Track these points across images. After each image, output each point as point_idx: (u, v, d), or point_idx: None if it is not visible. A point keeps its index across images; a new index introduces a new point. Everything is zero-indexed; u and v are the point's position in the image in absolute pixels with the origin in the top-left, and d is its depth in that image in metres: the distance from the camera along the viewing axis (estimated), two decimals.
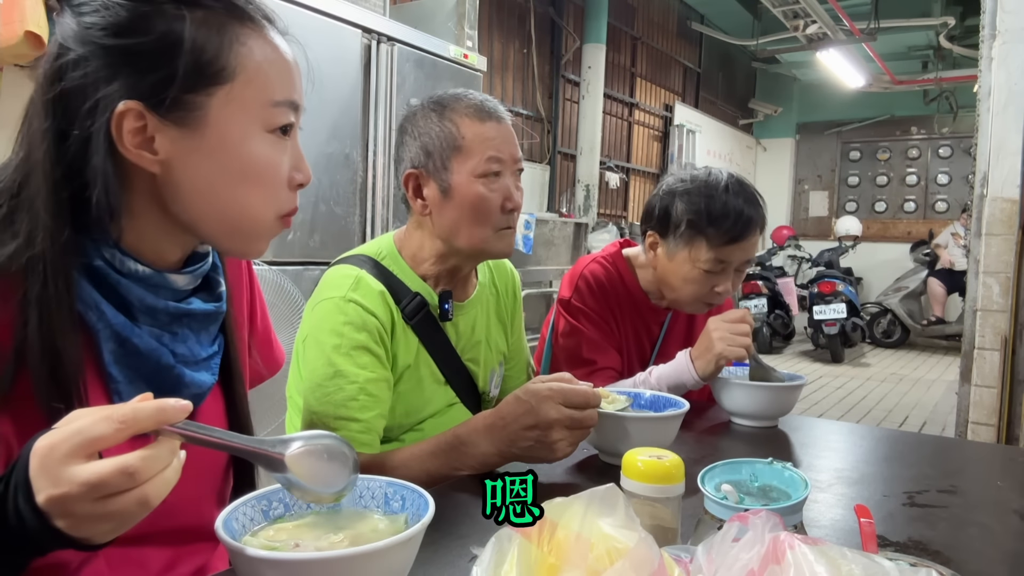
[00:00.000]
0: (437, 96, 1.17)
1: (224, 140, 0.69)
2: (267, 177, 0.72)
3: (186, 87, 0.66)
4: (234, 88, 0.68)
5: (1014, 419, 2.90)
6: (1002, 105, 2.87)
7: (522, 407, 0.93)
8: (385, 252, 1.18)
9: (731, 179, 1.46)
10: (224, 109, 0.68)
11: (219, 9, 0.69)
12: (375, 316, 1.08)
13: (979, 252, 2.92)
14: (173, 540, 0.79)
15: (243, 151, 0.70)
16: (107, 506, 0.51)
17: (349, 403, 1.03)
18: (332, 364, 1.04)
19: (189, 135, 0.68)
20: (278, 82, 0.71)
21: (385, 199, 3.04)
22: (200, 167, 0.69)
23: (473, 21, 3.74)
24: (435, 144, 1.13)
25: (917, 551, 0.79)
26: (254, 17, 0.71)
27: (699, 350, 1.35)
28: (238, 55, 0.69)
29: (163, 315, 0.73)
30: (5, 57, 2.10)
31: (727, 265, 1.45)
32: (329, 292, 1.10)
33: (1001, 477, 1.12)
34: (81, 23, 0.66)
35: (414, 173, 1.15)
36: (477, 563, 0.48)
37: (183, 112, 0.67)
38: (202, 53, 0.67)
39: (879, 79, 8.83)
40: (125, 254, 0.70)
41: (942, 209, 9.52)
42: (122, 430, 0.52)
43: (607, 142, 7.13)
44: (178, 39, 0.66)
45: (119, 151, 0.67)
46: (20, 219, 0.65)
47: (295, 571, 0.55)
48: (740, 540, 0.48)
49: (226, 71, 0.68)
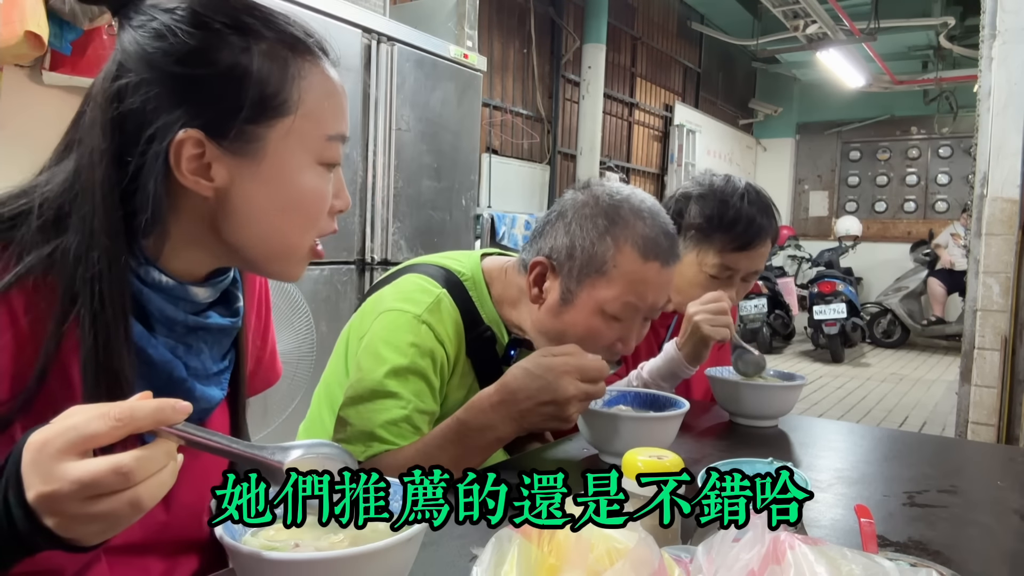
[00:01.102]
0: (617, 200, 1.03)
1: (281, 171, 0.70)
2: (316, 208, 0.74)
3: (249, 119, 0.67)
4: (295, 121, 0.70)
5: (1014, 419, 2.89)
6: (1002, 105, 2.86)
7: (537, 382, 0.91)
8: (470, 275, 1.11)
9: (749, 188, 1.46)
10: (283, 141, 0.69)
11: (283, 42, 0.69)
12: (444, 347, 1.04)
13: (979, 252, 2.92)
14: (173, 550, 0.79)
15: (297, 182, 0.71)
16: (98, 506, 0.49)
17: (390, 427, 0.99)
18: (385, 382, 0.99)
19: (247, 164, 0.69)
20: (332, 116, 0.73)
21: (385, 199, 3.04)
22: (254, 195, 0.70)
23: (473, 21, 3.74)
24: (583, 254, 1.01)
25: (917, 551, 0.79)
26: (313, 50, 0.72)
27: (683, 336, 1.35)
28: (299, 88, 0.70)
29: (180, 327, 0.73)
30: (5, 57, 2.10)
31: (733, 273, 1.45)
32: (404, 304, 1.04)
33: (1001, 477, 1.12)
34: (143, 46, 0.66)
35: (545, 264, 1.04)
36: (477, 563, 0.48)
37: (243, 143, 0.68)
38: (266, 86, 0.68)
39: (879, 79, 8.83)
40: (151, 264, 0.70)
41: (942, 209, 9.52)
42: (118, 428, 0.50)
43: (607, 142, 7.13)
44: (244, 72, 0.67)
45: (173, 175, 0.67)
46: (69, 236, 0.65)
47: (295, 571, 0.54)
48: (740, 540, 0.48)
49: (288, 104, 0.69)
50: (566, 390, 0.90)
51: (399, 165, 3.09)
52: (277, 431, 2.36)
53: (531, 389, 0.91)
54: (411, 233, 3.21)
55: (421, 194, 3.28)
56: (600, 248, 1.00)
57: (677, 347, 1.36)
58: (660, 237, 1.02)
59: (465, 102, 3.51)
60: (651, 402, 1.16)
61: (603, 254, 1.00)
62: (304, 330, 2.45)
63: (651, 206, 1.04)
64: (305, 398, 1.19)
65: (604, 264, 1.00)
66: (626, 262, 1.00)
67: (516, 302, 1.10)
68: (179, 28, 0.66)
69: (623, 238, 1.00)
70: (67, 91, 2.29)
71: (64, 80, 2.25)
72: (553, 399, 0.90)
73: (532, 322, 1.07)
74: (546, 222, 1.07)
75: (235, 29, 0.67)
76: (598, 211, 1.02)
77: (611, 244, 1.00)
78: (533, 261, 1.05)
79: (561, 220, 1.05)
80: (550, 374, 0.91)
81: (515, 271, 1.11)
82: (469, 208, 3.61)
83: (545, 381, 0.91)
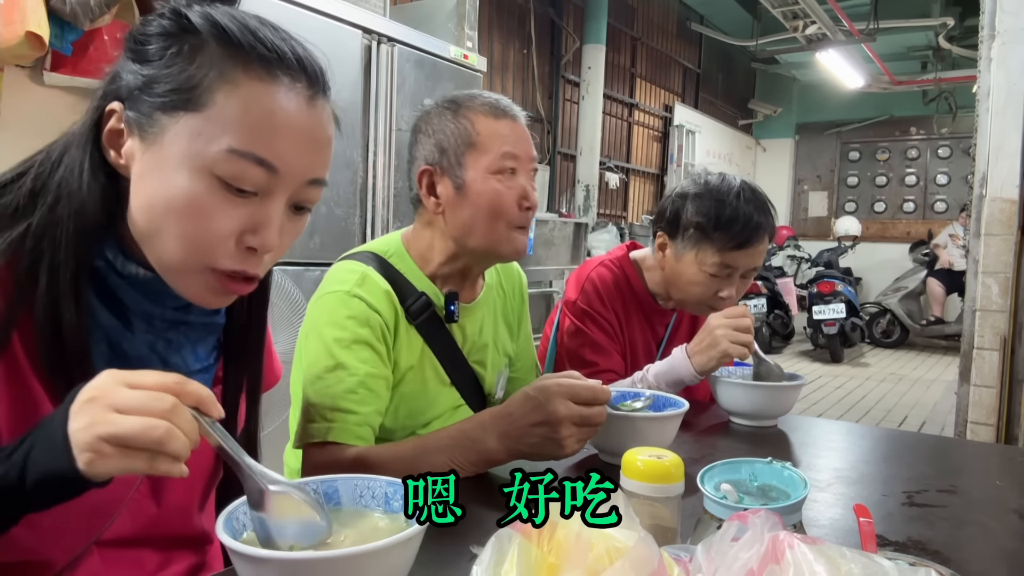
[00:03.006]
0: (451, 95, 1.17)
1: (162, 162, 0.66)
2: (190, 218, 0.66)
3: (159, 105, 0.66)
4: (198, 121, 0.65)
5: (1013, 419, 2.90)
6: (1001, 105, 2.87)
7: (530, 403, 0.92)
8: (392, 250, 1.17)
9: (744, 186, 1.47)
10: (178, 135, 0.66)
11: (233, 48, 0.67)
12: (379, 313, 1.08)
13: (978, 252, 2.92)
14: (165, 545, 0.80)
15: (169, 179, 0.66)
16: (131, 421, 0.54)
17: (348, 396, 1.02)
18: (333, 356, 1.04)
19: (144, 149, 0.67)
20: (249, 131, 0.65)
21: (385, 200, 3.04)
22: (141, 182, 0.67)
23: (473, 22, 3.74)
24: (450, 141, 1.12)
25: (916, 551, 0.79)
26: (273, 71, 0.67)
27: (699, 346, 1.35)
28: (222, 92, 0.65)
29: (159, 322, 0.73)
30: (6, 57, 2.10)
31: (733, 271, 1.46)
32: (333, 286, 1.10)
33: (1000, 477, 1.12)
34: (134, 31, 0.69)
35: (428, 170, 1.14)
36: (477, 563, 0.48)
37: (145, 124, 0.66)
38: (190, 79, 0.65)
39: (878, 79, 8.84)
40: (128, 257, 0.70)
41: (941, 209, 9.53)
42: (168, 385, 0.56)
43: (607, 142, 7.14)
44: (180, 58, 0.66)
45: None
46: (36, 215, 0.67)
47: (295, 571, 0.55)
48: (739, 539, 0.48)
49: (198, 102, 0.65)
50: (556, 410, 0.90)
51: (399, 165, 3.09)
52: (277, 431, 2.36)
53: (525, 409, 0.92)
54: None
55: None
56: (460, 128, 1.12)
57: (688, 354, 1.36)
58: (498, 101, 1.15)
59: None
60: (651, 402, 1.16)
61: (465, 130, 1.12)
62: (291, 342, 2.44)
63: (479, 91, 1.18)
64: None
65: (470, 137, 1.12)
66: (484, 127, 1.12)
67: (431, 249, 1.17)
68: (164, 13, 0.67)
69: (471, 111, 1.13)
70: (68, 91, 2.29)
71: (65, 80, 2.25)
72: (545, 419, 0.91)
73: (448, 228, 1.14)
74: (411, 146, 1.19)
75: (204, 26, 0.66)
76: (441, 108, 1.15)
77: (465, 120, 1.13)
78: (418, 174, 1.15)
79: (419, 134, 1.17)
80: (542, 395, 0.92)
81: (421, 224, 1.20)
82: None
83: (537, 402, 0.91)
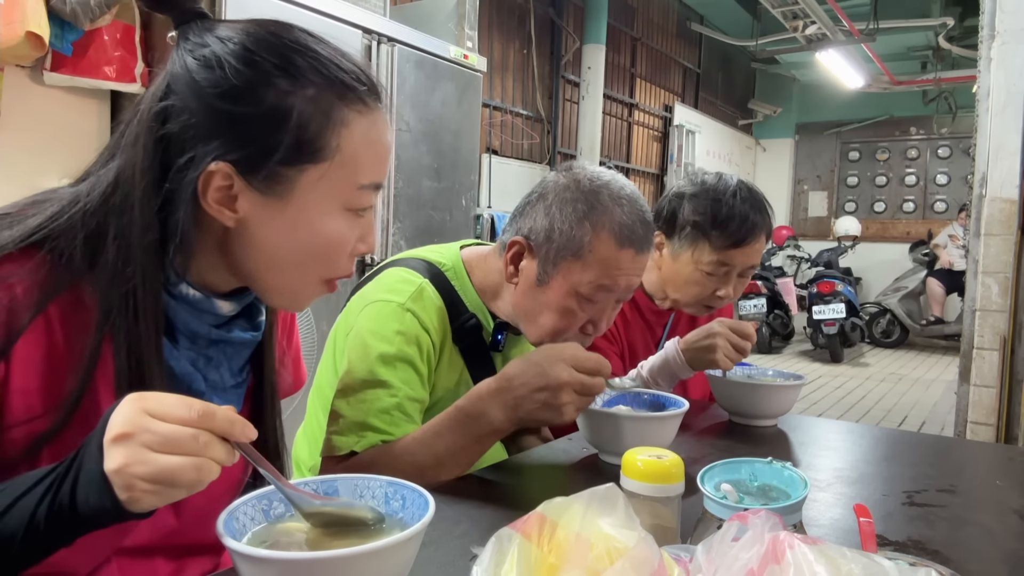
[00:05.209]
0: (598, 185, 1.05)
1: (306, 215, 0.70)
2: (334, 253, 0.73)
3: (282, 161, 0.67)
4: (329, 168, 0.69)
5: (1013, 418, 2.90)
6: (1001, 105, 2.87)
7: (532, 368, 0.92)
8: (450, 264, 1.13)
9: (741, 185, 1.47)
10: (312, 186, 0.69)
11: (331, 89, 0.68)
12: (429, 333, 1.05)
13: (978, 252, 2.92)
14: (181, 553, 0.80)
15: (318, 227, 0.71)
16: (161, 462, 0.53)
17: (382, 415, 0.99)
18: (374, 372, 1.00)
19: (273, 203, 0.69)
20: (370, 165, 0.72)
21: (385, 199, 3.04)
22: (274, 232, 0.70)
23: (473, 22, 3.74)
24: (562, 238, 1.03)
25: (916, 550, 0.79)
26: (364, 99, 0.71)
27: (695, 343, 1.36)
28: (339, 136, 0.69)
29: (203, 340, 0.74)
30: (6, 57, 2.10)
31: (730, 269, 1.46)
32: (386, 295, 1.06)
33: (1000, 476, 1.12)
34: (192, 72, 0.66)
35: (523, 244, 1.07)
36: (477, 563, 0.48)
37: (273, 183, 0.68)
38: (305, 131, 0.67)
39: (878, 79, 8.84)
40: (180, 278, 0.71)
41: (941, 209, 9.52)
42: (194, 419, 0.54)
43: (607, 142, 7.13)
44: (285, 115, 0.66)
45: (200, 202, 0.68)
46: (107, 251, 0.66)
47: (295, 571, 0.55)
48: (740, 539, 0.48)
49: (324, 151, 0.68)
50: (559, 375, 0.90)
51: (399, 165, 3.09)
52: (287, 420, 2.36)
53: (527, 375, 0.92)
54: (411, 233, 3.22)
55: (421, 194, 3.28)
56: (578, 232, 1.03)
57: (679, 347, 1.36)
58: (636, 225, 1.04)
59: (465, 102, 3.51)
60: (651, 402, 1.16)
61: (580, 238, 1.02)
62: (304, 330, 2.44)
63: (630, 193, 1.07)
64: (306, 398, 1.20)
65: (581, 248, 1.02)
66: (602, 248, 1.02)
67: (497, 287, 1.13)
68: (228, 62, 0.66)
69: (601, 224, 1.02)
70: (68, 91, 2.29)
71: (65, 80, 2.25)
72: (546, 384, 0.91)
73: (512, 297, 1.10)
74: (527, 203, 1.09)
75: (283, 71, 0.67)
76: (579, 195, 1.04)
77: (589, 229, 1.02)
78: (511, 240, 1.08)
79: (542, 202, 1.07)
80: (545, 360, 0.92)
81: (495, 255, 1.14)
82: (469, 208, 3.61)
83: (540, 367, 0.91)
